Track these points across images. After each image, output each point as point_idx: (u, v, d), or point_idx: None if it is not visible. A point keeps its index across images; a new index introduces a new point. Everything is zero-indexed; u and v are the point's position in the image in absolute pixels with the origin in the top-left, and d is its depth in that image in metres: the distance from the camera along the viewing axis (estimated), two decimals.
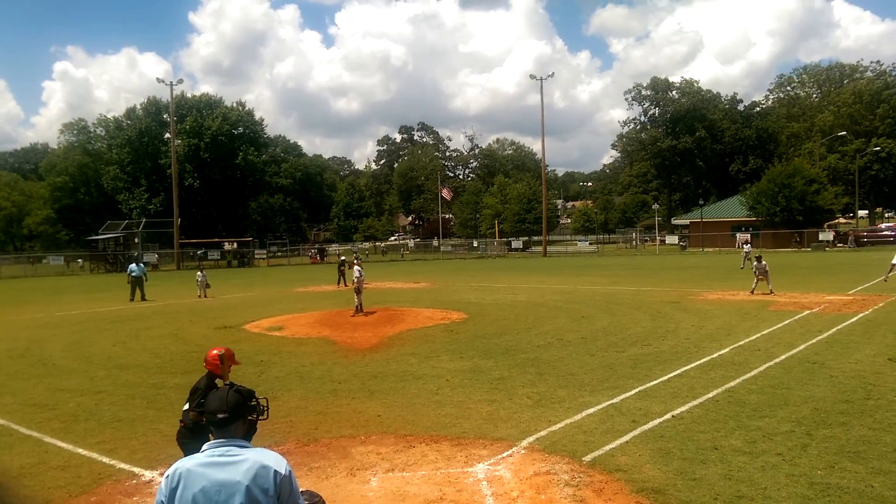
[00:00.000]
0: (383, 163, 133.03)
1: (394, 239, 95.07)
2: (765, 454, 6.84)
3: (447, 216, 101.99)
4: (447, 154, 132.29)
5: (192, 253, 61.51)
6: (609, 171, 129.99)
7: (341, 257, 36.37)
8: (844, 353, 11.78)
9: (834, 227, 63.65)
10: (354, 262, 22.03)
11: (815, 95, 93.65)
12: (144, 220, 63.64)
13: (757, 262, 21.95)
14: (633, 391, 9.61)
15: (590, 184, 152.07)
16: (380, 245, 79.72)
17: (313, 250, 70.08)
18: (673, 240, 67.71)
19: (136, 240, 59.83)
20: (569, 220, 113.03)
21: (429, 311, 19.85)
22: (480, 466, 6.79)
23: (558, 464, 6.80)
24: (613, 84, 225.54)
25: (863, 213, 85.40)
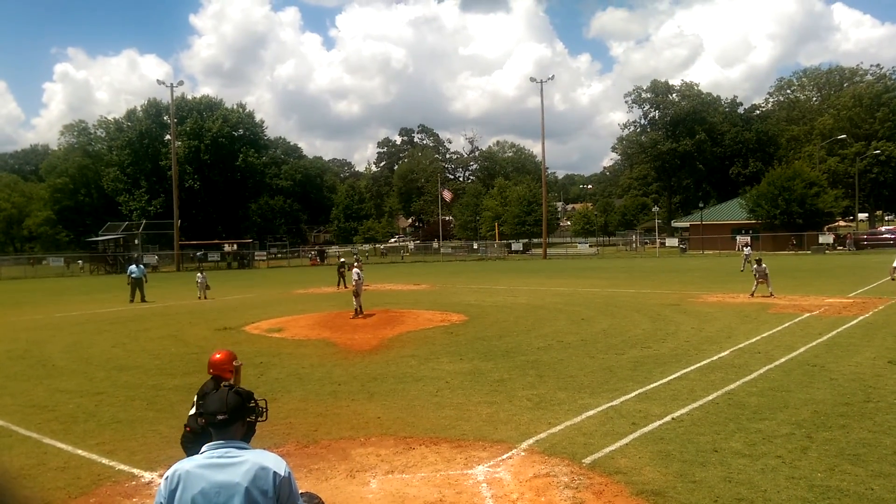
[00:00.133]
0: (383, 165, 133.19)
1: (394, 241, 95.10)
2: (765, 457, 6.83)
3: (447, 218, 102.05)
4: (447, 156, 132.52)
5: (192, 254, 61.51)
6: (609, 173, 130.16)
7: (341, 259, 36.36)
8: (844, 356, 11.78)
9: (834, 230, 63.68)
10: (354, 264, 22.03)
11: (814, 99, 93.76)
12: (144, 222, 63.66)
13: (757, 265, 21.96)
14: (632, 393, 9.61)
15: (590, 186, 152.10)
16: (379, 247, 79.71)
17: (313, 252, 70.11)
18: (673, 242, 67.72)
19: (136, 241, 59.82)
20: (569, 223, 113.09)
21: (429, 313, 19.85)
22: (480, 468, 6.78)
23: (558, 466, 6.79)
24: (613, 87, 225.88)
25: (863, 216, 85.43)
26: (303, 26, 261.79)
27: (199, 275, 29.03)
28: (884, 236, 57.97)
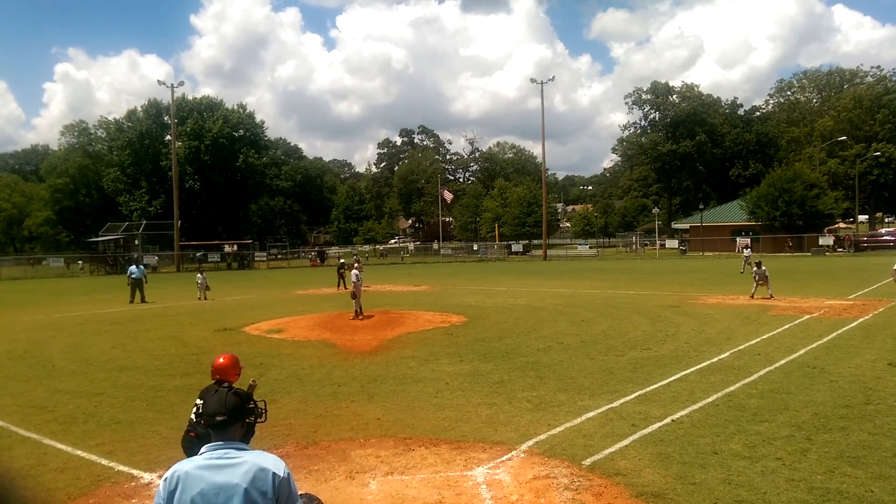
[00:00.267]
0: (384, 166, 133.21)
1: (394, 242, 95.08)
2: (764, 459, 6.83)
3: (447, 219, 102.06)
4: (447, 157, 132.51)
5: (192, 255, 61.50)
6: (609, 174, 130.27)
7: (341, 260, 36.35)
8: (844, 358, 11.78)
9: (834, 232, 63.68)
10: (354, 265, 22.02)
11: (815, 100, 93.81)
12: (145, 222, 63.66)
13: (757, 268, 21.97)
14: (632, 395, 9.61)
15: (590, 187, 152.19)
16: (378, 248, 79.68)
17: (313, 253, 70.10)
18: (673, 244, 67.76)
19: (136, 242, 59.83)
20: (569, 224, 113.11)
21: (428, 315, 19.85)
22: (480, 470, 6.77)
23: (558, 467, 6.79)
24: (614, 88, 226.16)
25: (863, 218, 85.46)
26: (303, 27, 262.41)
27: (199, 275, 29.02)
28: (884, 238, 58.01)
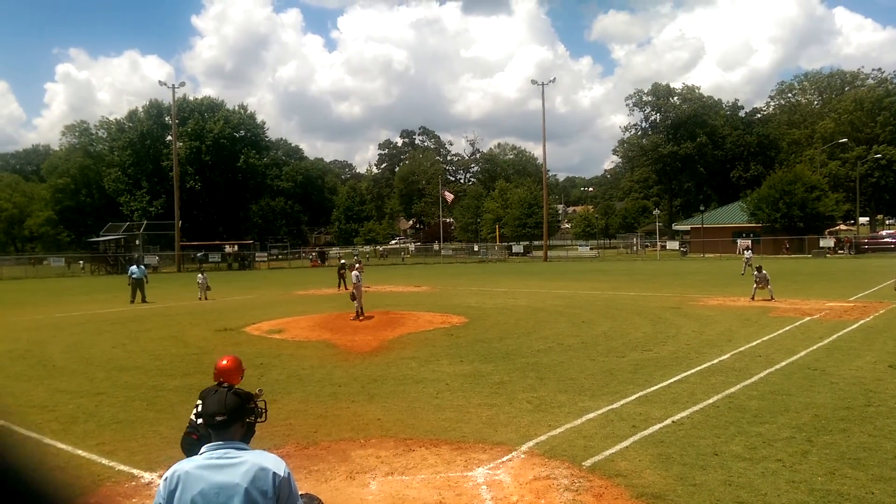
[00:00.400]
0: (384, 167, 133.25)
1: (395, 242, 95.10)
2: (765, 460, 6.83)
3: (448, 220, 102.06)
4: (448, 158, 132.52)
5: (193, 255, 61.53)
6: (610, 176, 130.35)
7: (341, 261, 36.36)
8: (845, 360, 11.77)
9: (835, 234, 63.67)
10: (355, 265, 22.02)
11: (816, 102, 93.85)
12: (146, 222, 63.70)
13: (757, 272, 21.96)
14: (633, 396, 9.60)
15: (591, 189, 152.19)
16: (379, 249, 79.67)
17: (314, 253, 70.13)
18: (674, 245, 67.77)
19: (137, 242, 59.86)
20: (569, 225, 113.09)
21: (429, 315, 19.85)
22: (480, 470, 6.77)
23: (558, 468, 6.78)
24: (615, 90, 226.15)
25: (864, 220, 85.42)
26: (304, 28, 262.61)
27: (199, 275, 29.03)
28: (884, 240, 57.99)
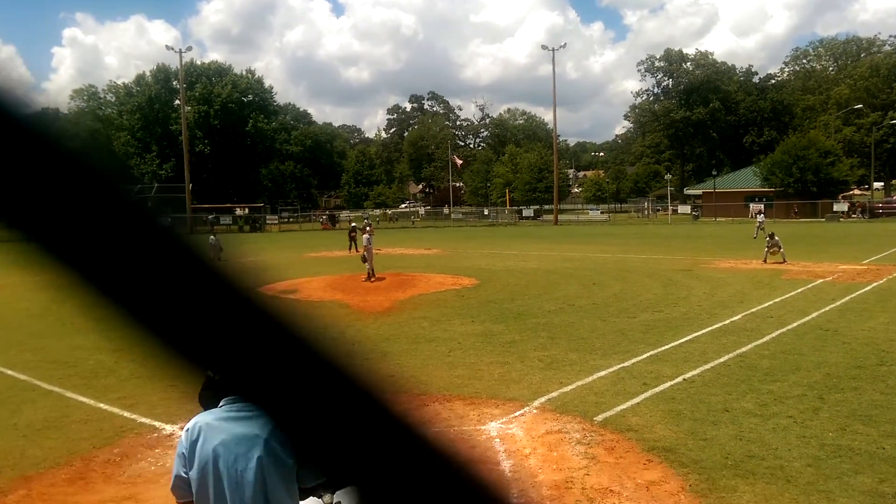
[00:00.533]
0: (393, 131, 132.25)
1: (404, 206, 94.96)
2: (776, 416, 6.90)
3: (458, 185, 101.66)
4: (458, 123, 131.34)
5: (205, 218, 61.75)
6: (621, 141, 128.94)
7: (352, 223, 36.41)
8: (857, 321, 11.78)
9: (849, 199, 63.02)
10: (366, 228, 22.05)
11: (831, 69, 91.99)
12: (156, 185, 63.86)
13: (770, 239, 21.81)
14: (644, 355, 9.67)
15: (601, 154, 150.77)
16: (388, 212, 79.55)
17: (324, 216, 70.15)
18: (685, 209, 67.30)
19: (148, 204, 59.83)
20: (580, 190, 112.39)
21: (440, 277, 19.92)
22: (493, 425, 6.88)
23: (570, 423, 6.88)
24: (627, 55, 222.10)
25: (878, 184, 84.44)
26: None
27: (211, 237, 29.14)
28: None
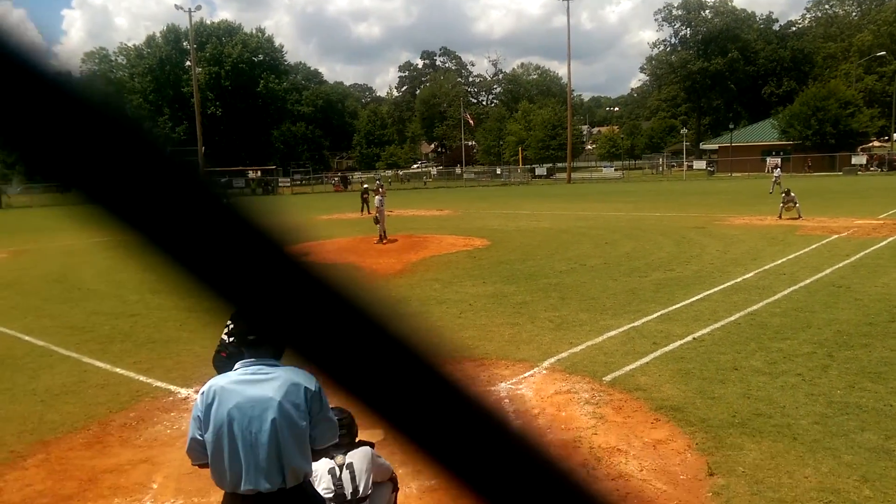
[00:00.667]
0: (405, 89, 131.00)
1: (416, 166, 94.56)
2: (785, 374, 6.91)
3: (470, 143, 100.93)
4: (470, 80, 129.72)
5: (217, 180, 61.82)
6: (637, 95, 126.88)
7: (364, 185, 36.37)
8: (871, 277, 11.68)
9: (868, 151, 61.90)
10: (378, 190, 22.02)
11: (854, 14, 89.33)
12: (169, 149, 63.89)
13: (786, 195, 21.53)
14: (654, 314, 9.68)
15: (616, 109, 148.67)
16: (400, 173, 79.24)
17: (336, 178, 70.08)
18: (700, 165, 66.50)
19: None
20: (594, 146, 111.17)
21: (452, 238, 19.93)
22: (503, 385, 6.96)
23: (579, 383, 6.94)
24: (643, 3, 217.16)
25: None
26: None
27: (224, 200, 29.26)
28: None
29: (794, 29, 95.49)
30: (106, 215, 0.42)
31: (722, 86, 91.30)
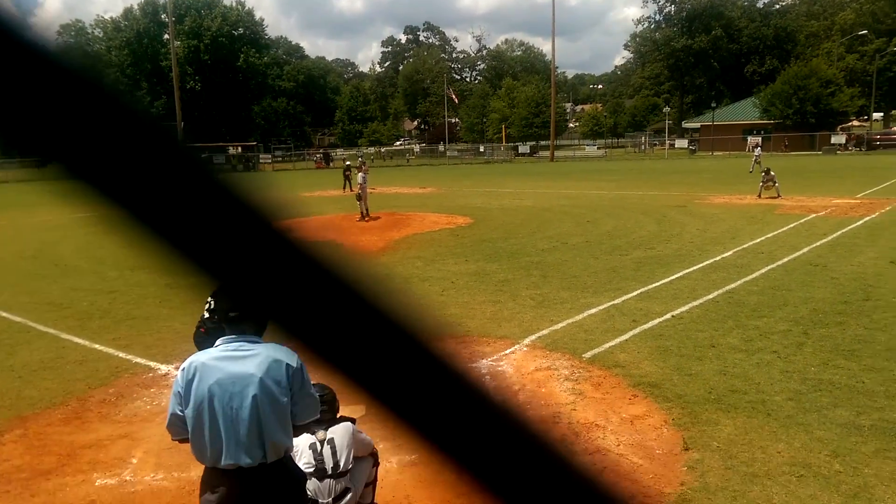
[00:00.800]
0: (388, 65, 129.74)
1: (399, 144, 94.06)
2: (761, 352, 7.03)
3: (453, 120, 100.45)
4: (454, 56, 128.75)
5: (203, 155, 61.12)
6: (620, 73, 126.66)
7: (346, 162, 36.14)
8: (847, 256, 11.86)
9: (847, 130, 62.47)
10: (361, 167, 21.90)
11: None
12: (156, 122, 62.98)
13: (765, 174, 21.73)
14: (634, 293, 9.77)
15: (600, 86, 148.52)
16: (381, 150, 78.74)
17: (318, 155, 69.53)
18: (682, 144, 66.78)
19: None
20: (577, 124, 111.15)
21: (434, 216, 19.92)
22: (483, 362, 7.01)
23: (559, 360, 7.02)
24: None
25: (878, 115, 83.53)
26: None
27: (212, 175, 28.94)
28: None
29: (778, 7, 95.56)
30: (87, 190, 0.42)
31: (705, 64, 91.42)
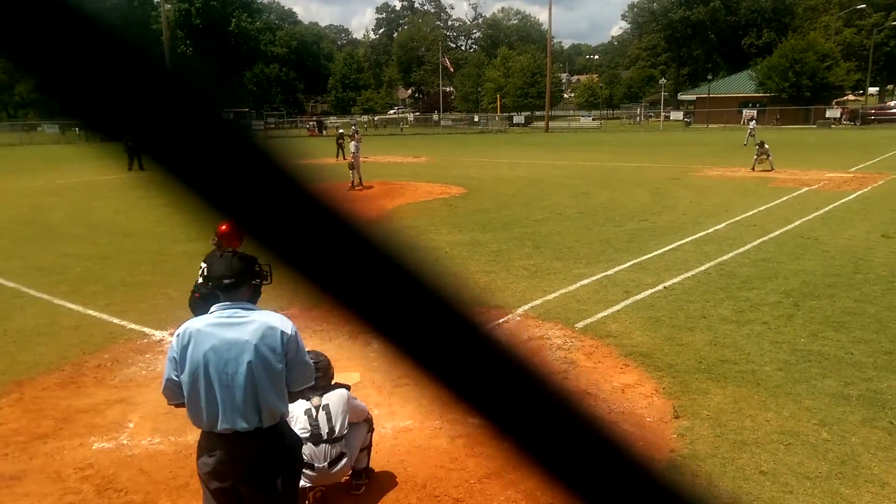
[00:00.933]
0: (382, 32, 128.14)
1: (393, 112, 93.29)
2: (751, 323, 7.10)
3: (448, 90, 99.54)
4: (449, 24, 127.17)
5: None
6: (617, 43, 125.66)
7: (339, 130, 35.85)
8: (839, 229, 11.93)
9: (843, 104, 62.33)
10: (354, 135, 21.74)
11: None
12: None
13: (759, 147, 21.71)
14: (627, 264, 9.82)
15: (596, 57, 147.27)
16: (374, 119, 78.06)
17: (311, 123, 68.90)
18: (678, 116, 66.51)
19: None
20: (572, 95, 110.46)
21: (428, 186, 19.86)
22: None
23: (551, 329, 7.07)
24: None
25: (873, 90, 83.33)
26: None
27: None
28: (892, 111, 56.79)
29: None
30: (150, 158, 0.42)
31: (702, 35, 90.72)
